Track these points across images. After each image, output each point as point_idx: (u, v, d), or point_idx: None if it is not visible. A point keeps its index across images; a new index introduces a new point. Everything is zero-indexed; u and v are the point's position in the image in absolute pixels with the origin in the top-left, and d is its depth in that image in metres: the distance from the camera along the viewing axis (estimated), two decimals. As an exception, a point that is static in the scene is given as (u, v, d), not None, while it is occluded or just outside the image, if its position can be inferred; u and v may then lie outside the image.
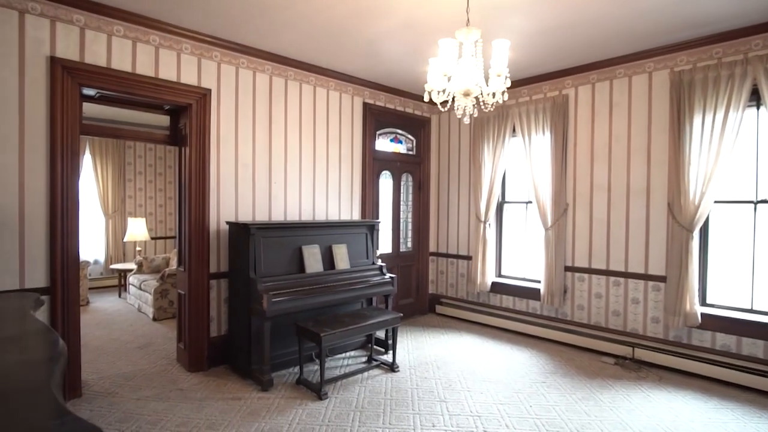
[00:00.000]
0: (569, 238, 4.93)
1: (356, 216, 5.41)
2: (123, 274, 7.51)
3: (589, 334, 4.65)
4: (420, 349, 4.78)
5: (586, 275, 4.79)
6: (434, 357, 4.54)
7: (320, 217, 5.04)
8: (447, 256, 6.25)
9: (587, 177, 4.79)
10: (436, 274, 6.40)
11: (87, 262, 6.96)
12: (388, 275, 4.65)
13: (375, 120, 5.58)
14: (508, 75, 2.55)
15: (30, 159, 3.28)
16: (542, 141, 5.02)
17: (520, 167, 5.57)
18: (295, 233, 4.20)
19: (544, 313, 5.14)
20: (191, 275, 4.08)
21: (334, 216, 5.18)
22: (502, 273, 5.75)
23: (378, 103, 5.62)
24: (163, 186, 8.81)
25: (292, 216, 4.79)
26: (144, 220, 7.92)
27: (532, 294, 5.23)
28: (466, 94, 2.56)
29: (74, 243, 3.46)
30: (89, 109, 3.86)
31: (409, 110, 6.02)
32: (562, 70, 4.89)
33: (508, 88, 2.72)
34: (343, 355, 4.60)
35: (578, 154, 4.86)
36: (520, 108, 5.20)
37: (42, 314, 3.34)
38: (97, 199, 8.07)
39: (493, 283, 5.60)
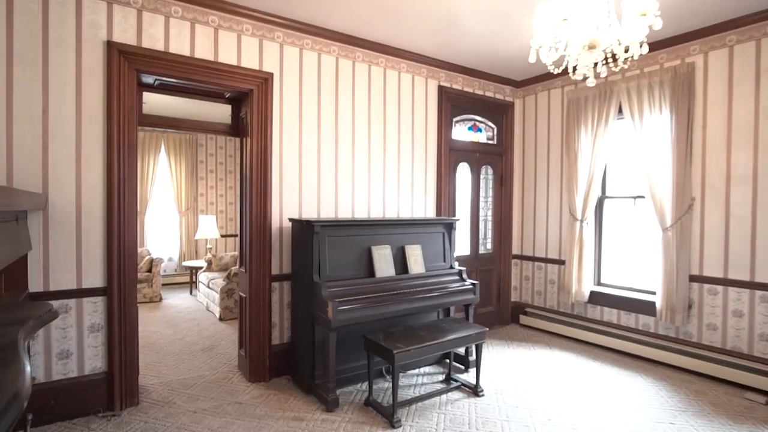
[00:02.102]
0: (695, 240, 3.99)
1: (430, 213, 4.83)
2: (194, 271, 7.54)
3: (725, 362, 3.70)
4: (505, 368, 4.10)
5: (719, 287, 3.84)
6: (524, 378, 3.84)
7: (391, 214, 4.53)
8: (533, 259, 5.47)
9: (722, 165, 3.83)
10: (519, 280, 5.65)
11: (160, 259, 7.03)
12: (469, 281, 4.02)
13: (451, 105, 4.96)
14: (658, 13, 1.84)
15: (86, 151, 3.08)
16: (658, 122, 4.12)
17: (626, 155, 4.68)
18: (363, 232, 3.71)
19: (659, 331, 4.23)
20: (252, 277, 3.74)
21: (405, 213, 4.64)
22: (602, 281, 4.88)
23: (455, 87, 4.99)
24: (233, 184, 8.80)
25: (360, 213, 4.32)
26: (215, 217, 7.92)
27: (644, 308, 4.33)
28: (592, 47, 1.89)
29: (131, 241, 3.23)
30: (154, 105, 3.65)
31: (489, 94, 5.33)
32: (686, 33, 3.96)
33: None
34: (417, 371, 4.05)
35: (709, 136, 3.91)
36: (629, 84, 4.32)
37: (99, 315, 3.14)
38: (171, 196, 8.22)
39: (592, 293, 4.76)
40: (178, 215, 8.27)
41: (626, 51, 2.01)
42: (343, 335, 3.50)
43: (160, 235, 8.22)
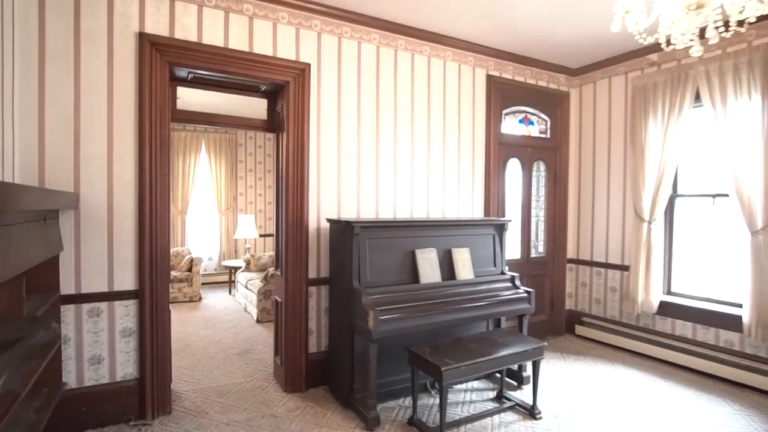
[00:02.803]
0: (793, 245, 3.43)
1: (478, 213, 4.47)
2: (233, 270, 7.49)
3: (833, 390, 3.14)
4: (563, 385, 3.69)
5: (825, 301, 3.27)
6: (585, 400, 3.42)
7: (435, 214, 4.20)
8: (591, 264, 4.98)
9: (828, 157, 3.26)
10: (575, 287, 5.17)
11: (200, 259, 7.01)
12: (522, 289, 3.64)
13: (501, 96, 4.57)
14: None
15: (118, 148, 2.94)
16: (746, 110, 3.57)
17: (704, 148, 4.14)
18: (406, 234, 3.41)
19: (746, 350, 3.68)
20: (288, 280, 3.53)
21: (451, 213, 4.30)
22: (674, 290, 4.35)
23: (505, 76, 4.60)
24: (272, 183, 8.71)
25: (403, 213, 4.02)
26: (253, 217, 7.86)
27: (727, 322, 3.79)
28: (700, 6, 1.50)
29: (163, 241, 3.07)
30: (189, 102, 3.51)
31: (542, 83, 4.89)
32: (783, 5, 3.40)
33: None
34: (465, 386, 3.71)
35: (811, 124, 3.34)
36: (708, 66, 3.79)
37: (130, 319, 3.00)
38: (212, 196, 8.23)
39: (662, 303, 4.24)
40: (218, 214, 8.27)
41: (741, 12, 1.60)
42: (384, 345, 3.22)
43: (201, 235, 8.25)
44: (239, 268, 7.25)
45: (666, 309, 4.22)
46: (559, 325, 5.09)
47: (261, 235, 8.42)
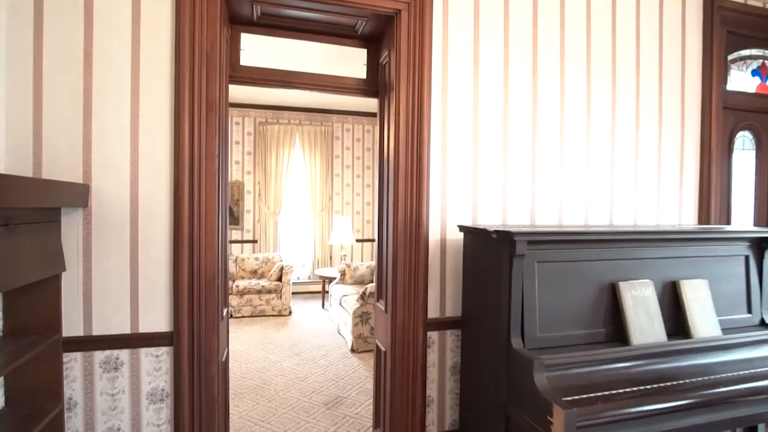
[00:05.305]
0: None
1: (688, 218, 2.83)
2: (327, 281, 6.54)
3: None
4: None
5: None
6: None
7: (622, 220, 2.68)
8: None
9: None
10: (843, 338, 3.22)
11: (291, 267, 6.16)
12: (820, 361, 1.98)
13: (726, 33, 2.88)
14: None
15: (146, 114, 1.94)
16: None
17: None
18: (598, 254, 1.96)
19: None
20: (395, 320, 2.28)
21: (645, 221, 2.73)
22: None
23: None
24: (372, 181, 7.67)
25: (571, 220, 2.57)
26: (350, 219, 6.86)
27: None
28: None
29: (211, 257, 2.01)
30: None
31: (792, 12, 3.07)
32: None
33: None
34: None
35: None
36: None
37: (163, 376, 1.98)
38: (306, 195, 7.41)
39: None
40: (312, 216, 7.42)
41: None
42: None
43: (294, 239, 7.47)
44: (333, 279, 6.27)
45: None
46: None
47: (358, 240, 7.40)
